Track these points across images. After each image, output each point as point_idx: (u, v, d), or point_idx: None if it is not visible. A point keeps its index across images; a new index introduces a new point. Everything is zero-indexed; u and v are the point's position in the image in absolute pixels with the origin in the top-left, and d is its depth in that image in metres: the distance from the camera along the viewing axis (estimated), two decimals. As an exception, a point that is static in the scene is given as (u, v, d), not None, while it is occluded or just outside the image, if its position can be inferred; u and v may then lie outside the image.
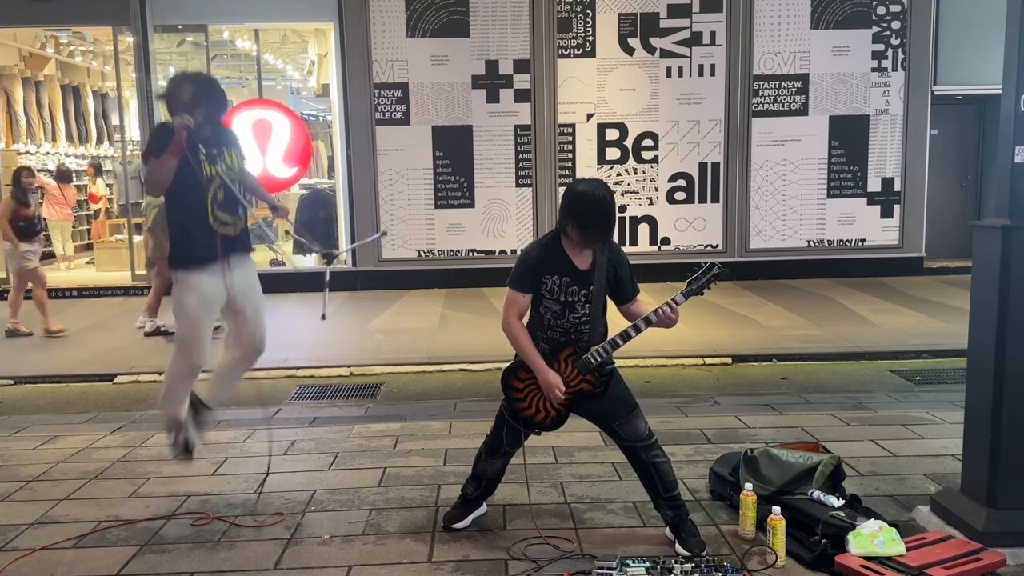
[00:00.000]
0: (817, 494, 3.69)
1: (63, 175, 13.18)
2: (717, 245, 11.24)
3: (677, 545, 3.59)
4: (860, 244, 11.31)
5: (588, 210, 3.42)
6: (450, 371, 7.08)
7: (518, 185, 11.04)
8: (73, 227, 13.90)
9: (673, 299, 3.48)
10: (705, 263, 3.54)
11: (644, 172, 11.13)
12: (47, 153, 14.86)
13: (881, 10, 10.99)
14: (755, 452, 4.11)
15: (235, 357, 4.35)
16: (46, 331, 8.56)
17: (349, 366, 7.21)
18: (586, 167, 11.08)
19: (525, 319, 3.67)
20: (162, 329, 8.36)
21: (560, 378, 3.53)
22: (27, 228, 8.51)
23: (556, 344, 3.58)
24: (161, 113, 11.18)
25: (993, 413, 3.53)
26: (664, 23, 10.90)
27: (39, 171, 13.80)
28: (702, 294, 3.55)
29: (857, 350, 7.36)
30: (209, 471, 4.74)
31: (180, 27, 11.54)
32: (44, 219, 13.56)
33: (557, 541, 3.71)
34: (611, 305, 3.67)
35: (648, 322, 3.49)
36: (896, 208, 11.29)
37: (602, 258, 3.56)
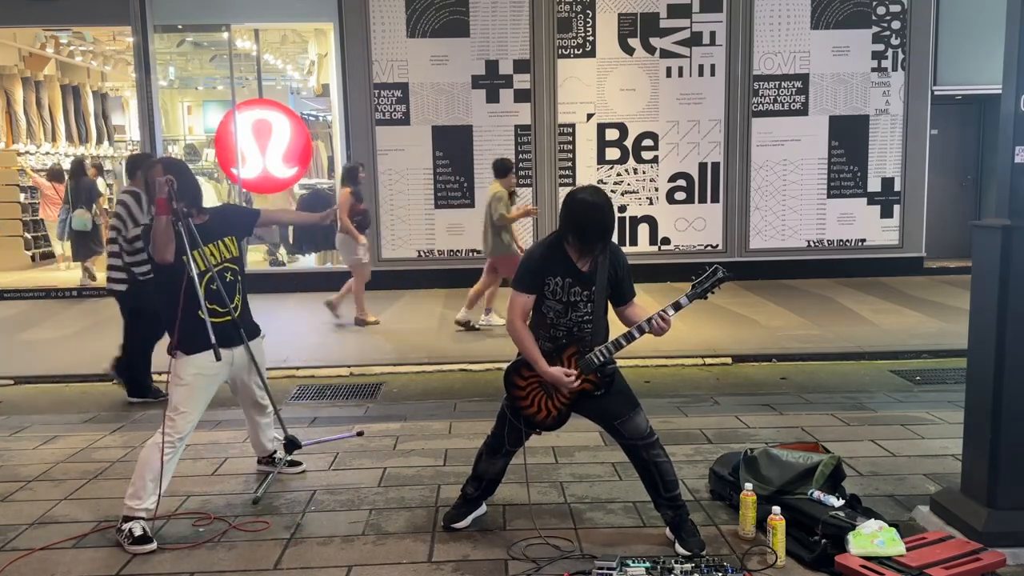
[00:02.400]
0: (817, 494, 3.69)
1: (56, 175, 13.16)
2: (717, 245, 11.24)
3: (677, 545, 3.59)
4: (860, 244, 11.31)
5: (586, 219, 3.45)
6: (450, 371, 7.08)
7: (518, 185, 11.00)
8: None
9: (675, 303, 3.52)
10: (710, 267, 3.57)
11: (644, 172, 11.13)
12: (47, 153, 14.85)
13: (881, 10, 10.99)
14: (755, 452, 4.11)
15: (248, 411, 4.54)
16: (360, 320, 8.71)
17: (349, 366, 7.22)
18: (586, 167, 11.08)
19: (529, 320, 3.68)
20: (473, 325, 8.38)
21: (563, 370, 3.55)
22: (361, 222, 8.66)
23: (559, 343, 3.59)
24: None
25: (993, 413, 3.53)
26: (664, 23, 10.90)
27: (36, 171, 13.82)
28: (706, 298, 3.59)
29: (857, 350, 7.35)
30: (209, 471, 4.74)
31: (180, 27, 11.56)
32: (42, 219, 13.62)
33: (557, 541, 3.72)
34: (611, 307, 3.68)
35: (641, 330, 3.53)
36: (896, 208, 11.29)
37: (603, 259, 3.58)
